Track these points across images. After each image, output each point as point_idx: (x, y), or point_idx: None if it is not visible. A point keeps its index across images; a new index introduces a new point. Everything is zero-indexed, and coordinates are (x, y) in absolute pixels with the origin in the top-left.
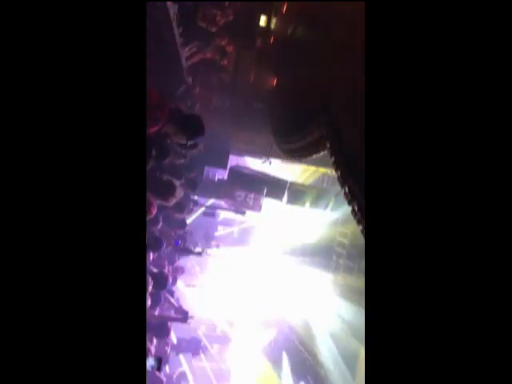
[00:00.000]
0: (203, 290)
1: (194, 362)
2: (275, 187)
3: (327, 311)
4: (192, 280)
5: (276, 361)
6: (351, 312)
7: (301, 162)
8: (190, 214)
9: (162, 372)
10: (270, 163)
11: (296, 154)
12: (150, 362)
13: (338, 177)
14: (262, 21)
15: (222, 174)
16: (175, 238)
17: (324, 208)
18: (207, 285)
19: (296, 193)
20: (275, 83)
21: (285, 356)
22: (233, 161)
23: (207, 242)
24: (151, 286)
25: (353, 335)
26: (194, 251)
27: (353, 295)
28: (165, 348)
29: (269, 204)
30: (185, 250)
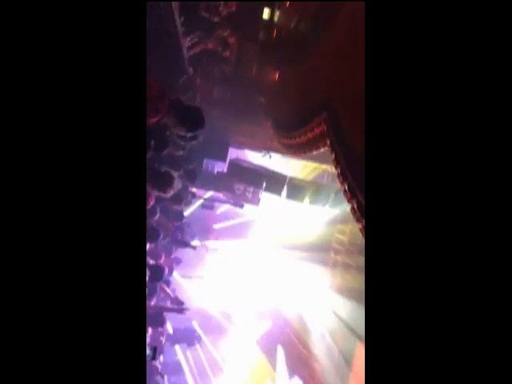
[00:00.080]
0: (200, 282)
1: (189, 353)
2: (274, 182)
3: (324, 307)
4: (189, 271)
5: (271, 354)
6: (348, 308)
7: (301, 158)
8: (188, 206)
9: (157, 361)
10: (270, 157)
11: (296, 149)
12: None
13: (338, 174)
14: (266, 13)
15: (222, 167)
16: (173, 230)
17: (323, 205)
18: (204, 276)
19: (295, 188)
20: (277, 77)
21: (280, 349)
22: (232, 154)
23: (205, 235)
24: (147, 277)
25: (349, 331)
26: (191, 245)
27: (350, 292)
28: (160, 338)
29: (268, 198)
30: (182, 242)
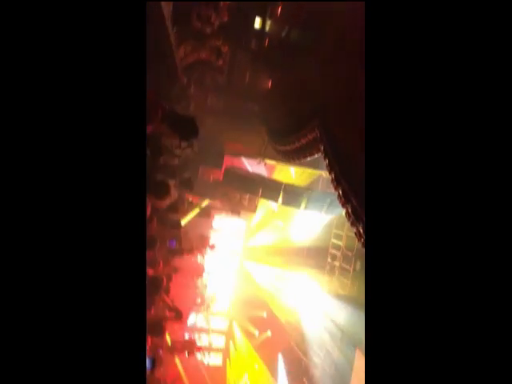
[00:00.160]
0: (198, 290)
1: (189, 362)
2: (270, 188)
3: (322, 312)
4: (187, 279)
5: (271, 361)
6: (346, 313)
7: (296, 164)
8: (185, 215)
9: (157, 372)
10: (265, 164)
11: (291, 156)
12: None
13: (332, 179)
14: (257, 23)
15: (217, 175)
16: (170, 239)
17: (319, 210)
18: (202, 284)
19: (291, 194)
20: (270, 85)
21: (280, 357)
22: (228, 161)
23: (202, 243)
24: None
25: (348, 336)
26: (189, 252)
27: (348, 296)
28: (159, 348)
29: (264, 205)
30: (179, 250)
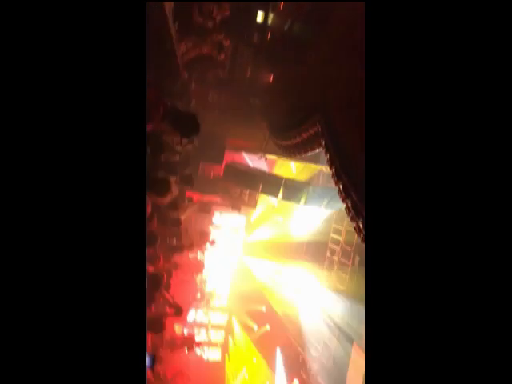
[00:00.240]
0: (198, 285)
1: (189, 357)
2: (271, 183)
3: (320, 307)
4: (187, 274)
5: (270, 355)
6: (344, 308)
7: (296, 159)
8: (185, 211)
9: (157, 367)
10: (266, 159)
11: (292, 151)
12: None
13: (333, 174)
14: (259, 16)
15: (218, 170)
16: (170, 236)
17: (319, 205)
18: (202, 279)
19: (291, 189)
20: (271, 79)
21: (278, 351)
22: (228, 157)
23: (202, 239)
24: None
25: (345, 331)
26: (189, 248)
27: (347, 291)
28: (160, 344)
29: (264, 200)
30: (180, 247)
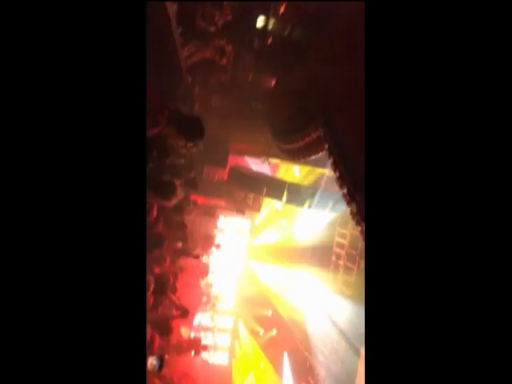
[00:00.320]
0: (204, 289)
1: (195, 361)
2: (275, 187)
3: (327, 311)
4: (193, 278)
5: (276, 360)
6: (351, 312)
7: (300, 163)
8: (190, 215)
9: (164, 371)
10: (269, 163)
11: (295, 155)
12: (152, 361)
13: (337, 178)
14: (260, 21)
15: (222, 174)
16: (176, 240)
17: (323, 209)
18: (207, 283)
19: (295, 193)
20: (273, 83)
21: (285, 355)
22: (232, 161)
23: (207, 242)
24: (152, 286)
25: (352, 335)
26: (194, 254)
27: (352, 295)
28: (166, 347)
29: (268, 204)
30: (185, 251)
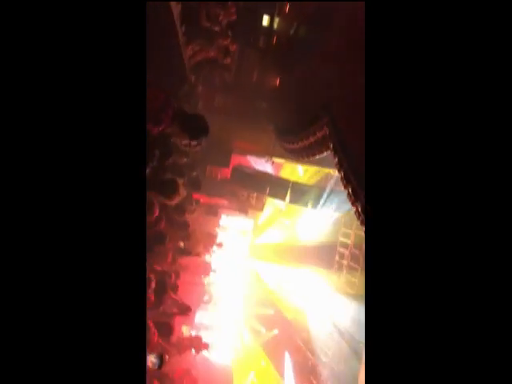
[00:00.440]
0: (205, 287)
1: (197, 359)
2: (278, 187)
3: (330, 311)
4: (195, 276)
5: (278, 359)
6: (354, 312)
7: (304, 162)
8: (193, 214)
9: (164, 368)
10: (273, 163)
11: (299, 154)
12: (152, 360)
13: (341, 177)
14: (265, 20)
15: (225, 173)
16: (178, 239)
17: (327, 208)
18: (209, 281)
19: (299, 192)
20: (278, 83)
21: (287, 355)
22: (236, 160)
23: (209, 241)
24: (154, 284)
25: (356, 335)
26: (195, 253)
27: (356, 295)
28: (168, 345)
29: (271, 203)
30: (187, 251)
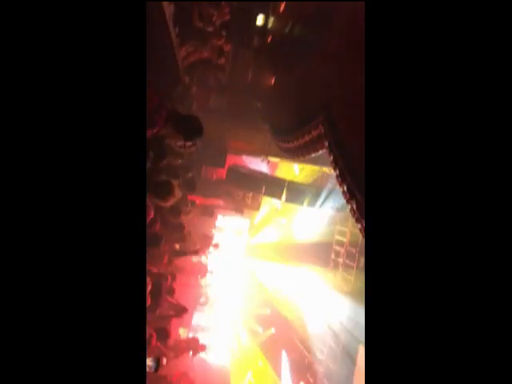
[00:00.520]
0: (202, 288)
1: (194, 361)
2: (274, 186)
3: (326, 309)
4: (191, 278)
5: (275, 358)
6: (349, 310)
7: (299, 161)
8: (188, 215)
9: (162, 370)
10: (269, 162)
11: (295, 153)
12: (149, 363)
13: (337, 175)
14: (260, 20)
15: (220, 173)
16: (174, 240)
17: (322, 207)
18: (206, 282)
19: (294, 191)
20: (273, 82)
21: (284, 354)
22: (231, 160)
23: (206, 242)
24: (150, 287)
25: (352, 333)
26: (192, 251)
27: (352, 293)
28: (165, 348)
29: (267, 203)
30: (184, 251)
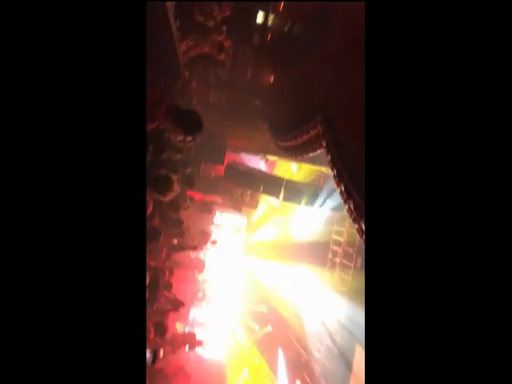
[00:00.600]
0: (199, 284)
1: (190, 356)
2: (272, 184)
3: (323, 308)
4: (189, 273)
5: (271, 356)
6: (347, 309)
7: (297, 160)
8: (187, 211)
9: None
10: (267, 160)
11: (293, 152)
12: (146, 355)
13: (334, 175)
14: (260, 17)
15: (219, 171)
16: (172, 236)
17: (320, 206)
18: (203, 278)
19: (292, 190)
20: (272, 80)
21: (280, 352)
22: (230, 157)
23: (203, 239)
24: (148, 281)
25: (348, 332)
26: (191, 246)
27: (349, 293)
28: (162, 342)
29: (265, 201)
30: (182, 247)
